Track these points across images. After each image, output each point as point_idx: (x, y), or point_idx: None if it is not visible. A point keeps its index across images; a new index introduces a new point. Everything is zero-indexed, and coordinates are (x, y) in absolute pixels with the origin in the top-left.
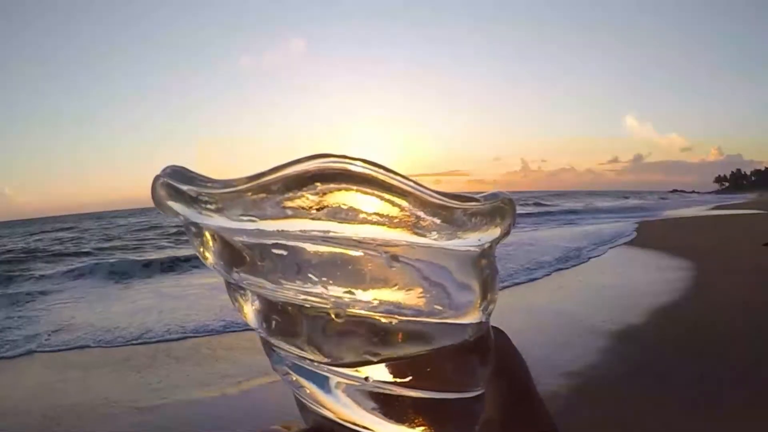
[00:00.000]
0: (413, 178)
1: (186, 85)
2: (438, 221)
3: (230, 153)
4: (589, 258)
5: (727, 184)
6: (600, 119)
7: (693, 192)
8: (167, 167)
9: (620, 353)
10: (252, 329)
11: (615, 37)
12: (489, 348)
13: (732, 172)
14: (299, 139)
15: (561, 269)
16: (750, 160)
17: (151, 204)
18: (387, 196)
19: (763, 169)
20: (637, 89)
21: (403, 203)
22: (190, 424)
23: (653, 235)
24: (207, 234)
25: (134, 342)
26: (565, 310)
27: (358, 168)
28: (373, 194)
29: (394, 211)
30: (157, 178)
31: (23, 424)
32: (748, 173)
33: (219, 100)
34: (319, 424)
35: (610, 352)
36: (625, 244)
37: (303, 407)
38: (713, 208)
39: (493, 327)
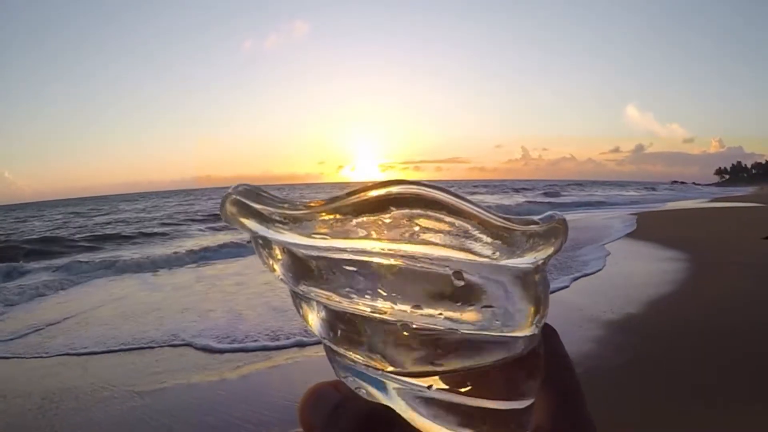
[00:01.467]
0: (480, 203)
1: (188, 68)
2: (499, 242)
3: (232, 135)
4: (587, 265)
5: (727, 176)
6: (601, 108)
7: (694, 183)
8: (239, 185)
9: (620, 343)
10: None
11: (617, 26)
12: (540, 360)
13: (733, 164)
14: (301, 123)
15: (559, 289)
16: (751, 152)
17: (153, 188)
18: (454, 219)
19: (763, 162)
20: (639, 79)
21: (469, 225)
22: (188, 409)
23: (653, 227)
24: (276, 248)
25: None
26: (564, 300)
27: (430, 193)
28: (442, 217)
29: (460, 233)
30: (227, 195)
31: (22, 407)
32: (749, 166)
33: (221, 83)
34: (378, 409)
35: (609, 342)
36: (625, 236)
37: None
38: (714, 201)
39: (546, 325)
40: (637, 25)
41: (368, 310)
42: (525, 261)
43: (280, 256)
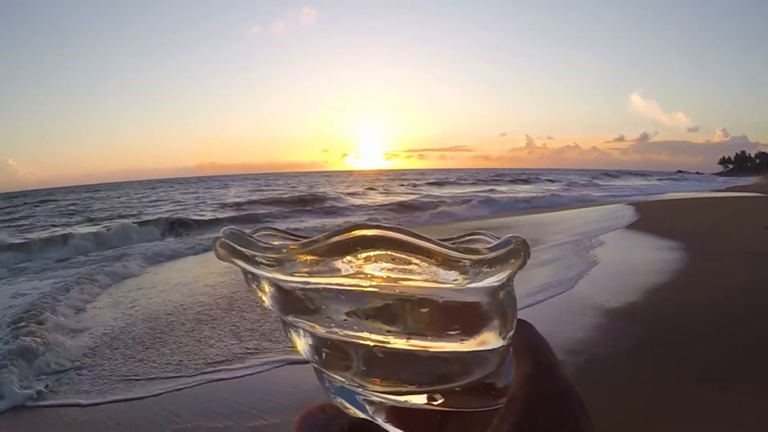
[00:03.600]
0: (435, 239)
1: (193, 54)
2: (458, 271)
3: (237, 122)
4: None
5: (731, 166)
6: (606, 97)
7: (697, 173)
8: (226, 229)
9: (623, 331)
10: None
11: (621, 13)
12: (510, 369)
13: (737, 153)
14: (306, 111)
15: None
16: (755, 142)
17: (157, 176)
18: (415, 255)
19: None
20: (643, 67)
21: (429, 260)
22: (202, 404)
23: (655, 217)
24: (263, 282)
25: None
26: (566, 288)
27: (391, 234)
28: (404, 255)
29: (421, 267)
30: (217, 238)
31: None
32: (753, 155)
33: (226, 69)
34: (361, 422)
35: (612, 330)
36: (626, 226)
37: None
38: (716, 191)
39: (519, 320)
40: (642, 13)
41: (346, 336)
42: (488, 282)
43: (267, 290)
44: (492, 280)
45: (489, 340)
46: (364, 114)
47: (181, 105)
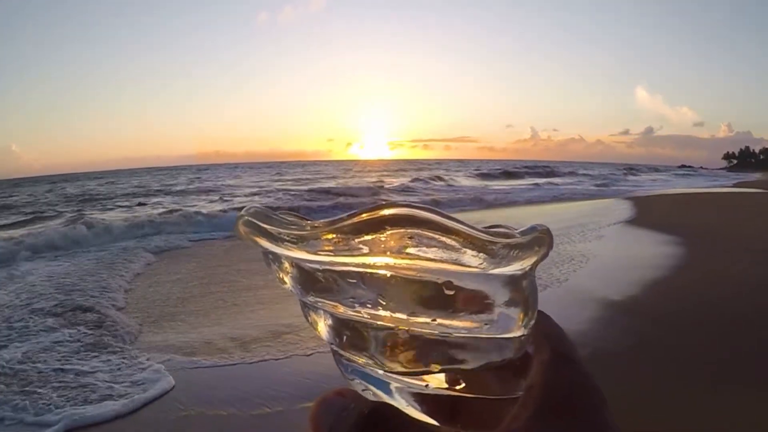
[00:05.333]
0: (465, 221)
1: (197, 40)
2: (485, 254)
3: (241, 110)
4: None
5: (735, 161)
6: (612, 91)
7: (701, 168)
8: (250, 207)
9: (625, 326)
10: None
11: (628, 5)
12: (528, 358)
13: (741, 149)
14: (311, 100)
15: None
16: (759, 137)
17: (158, 164)
18: (443, 235)
19: None
20: (649, 61)
21: (456, 241)
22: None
23: (654, 212)
24: (285, 262)
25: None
26: (568, 282)
27: (420, 214)
28: (431, 235)
29: (448, 247)
30: (240, 216)
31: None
32: (757, 151)
33: (231, 56)
34: (380, 406)
35: (615, 325)
36: (625, 221)
37: None
38: (719, 186)
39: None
40: (649, 5)
41: (370, 317)
42: (512, 269)
43: (289, 270)
44: (516, 267)
45: (511, 328)
46: (368, 103)
47: (184, 92)
